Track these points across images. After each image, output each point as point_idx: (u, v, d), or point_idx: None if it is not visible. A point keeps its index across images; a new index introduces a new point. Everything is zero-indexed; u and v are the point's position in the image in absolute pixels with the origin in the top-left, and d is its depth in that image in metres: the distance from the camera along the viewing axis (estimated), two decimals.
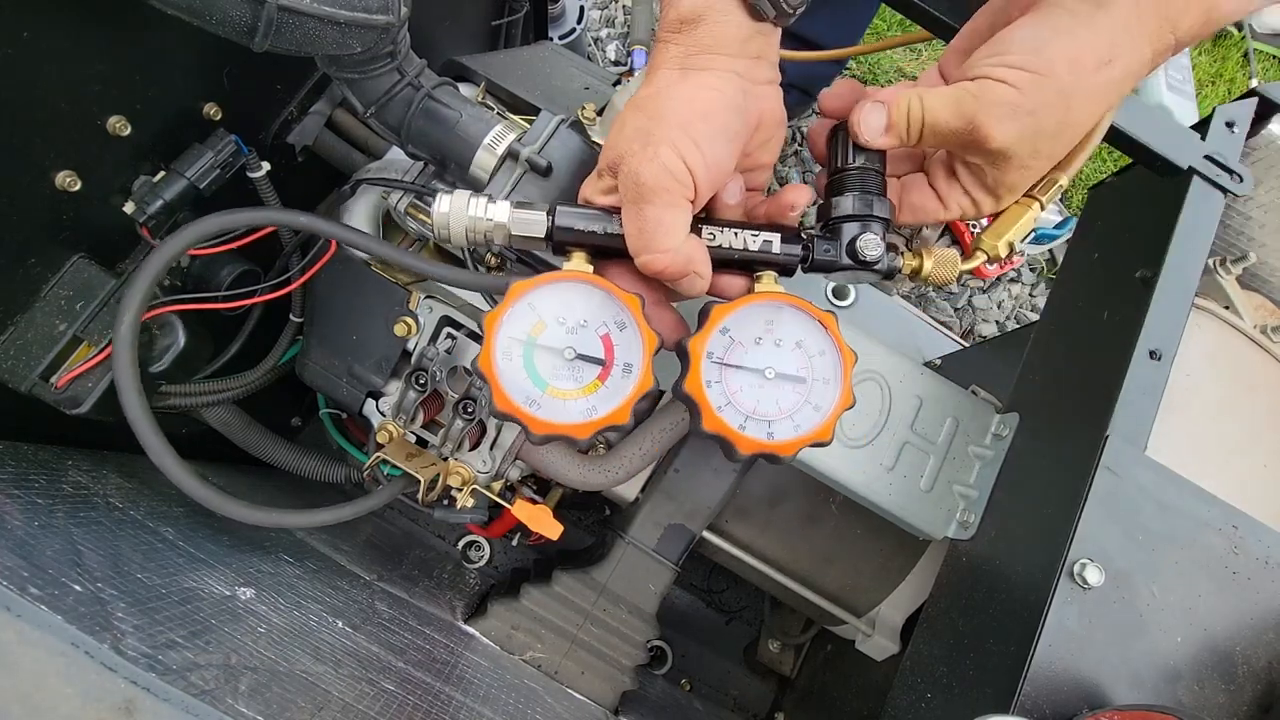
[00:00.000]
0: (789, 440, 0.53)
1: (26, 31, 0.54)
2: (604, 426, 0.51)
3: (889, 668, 0.97)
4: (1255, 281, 1.01)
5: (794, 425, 0.53)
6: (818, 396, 0.54)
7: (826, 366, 0.54)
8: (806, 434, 0.53)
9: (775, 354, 0.53)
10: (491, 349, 0.51)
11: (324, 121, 0.84)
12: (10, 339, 0.63)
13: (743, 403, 0.53)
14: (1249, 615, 0.63)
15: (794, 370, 0.53)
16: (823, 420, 0.53)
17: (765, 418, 0.53)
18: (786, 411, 0.53)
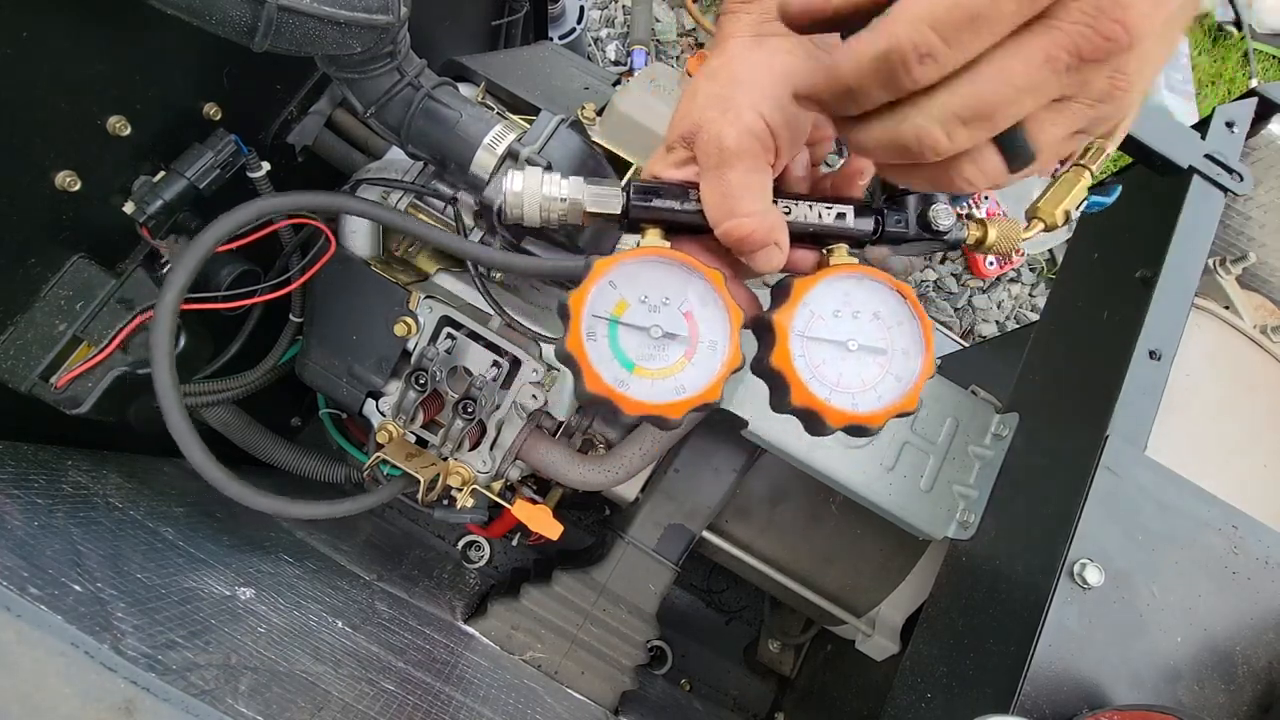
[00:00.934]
0: (874, 411, 0.52)
1: (26, 31, 0.54)
2: (696, 406, 0.50)
3: (889, 668, 0.97)
4: (1255, 281, 1.01)
5: (877, 396, 0.53)
6: (899, 367, 0.53)
7: (906, 337, 0.53)
8: (891, 404, 0.52)
9: (855, 326, 0.53)
10: (579, 329, 0.49)
11: (324, 121, 0.84)
12: (10, 339, 0.63)
13: (826, 376, 0.52)
14: (1249, 615, 0.63)
15: (875, 341, 0.53)
16: (906, 390, 0.52)
17: (849, 390, 0.52)
18: (869, 384, 0.53)
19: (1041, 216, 0.58)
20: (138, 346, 0.68)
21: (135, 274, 0.68)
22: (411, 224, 0.64)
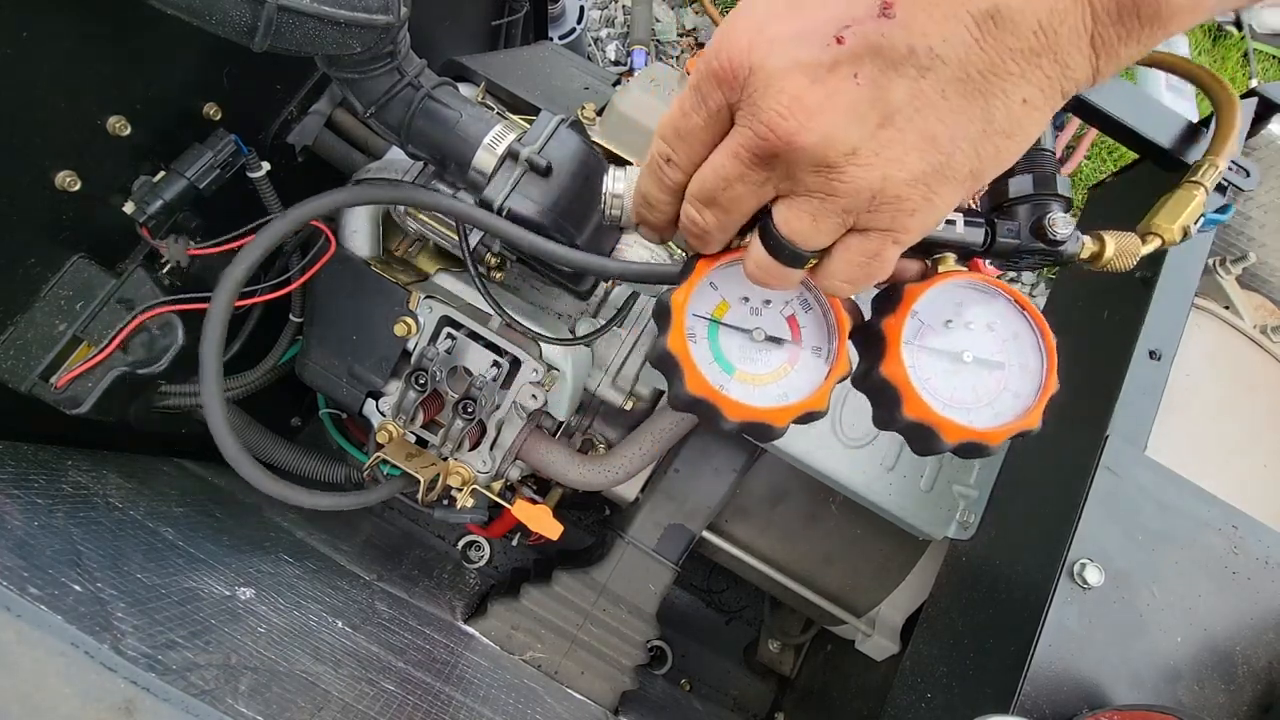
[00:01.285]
0: (991, 428, 0.48)
1: (26, 31, 0.54)
2: (802, 413, 0.47)
3: (889, 668, 0.97)
4: (1255, 281, 1.01)
5: (994, 413, 0.49)
6: (1016, 383, 0.50)
7: (1024, 350, 0.50)
8: (1009, 422, 0.48)
9: (969, 337, 0.49)
10: (681, 329, 0.47)
11: (324, 121, 0.84)
12: (10, 339, 0.63)
13: (939, 389, 0.49)
14: (1249, 615, 0.63)
15: (991, 354, 0.49)
16: (1026, 407, 0.49)
17: (964, 405, 0.49)
18: (985, 399, 0.49)
19: (1159, 232, 0.55)
20: (138, 346, 0.68)
21: (135, 274, 0.68)
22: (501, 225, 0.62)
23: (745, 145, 0.32)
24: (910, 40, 0.28)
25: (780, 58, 0.30)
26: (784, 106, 0.30)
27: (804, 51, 0.29)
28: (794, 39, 0.30)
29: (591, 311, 0.88)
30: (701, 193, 0.36)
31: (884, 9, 0.28)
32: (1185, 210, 0.56)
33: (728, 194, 0.35)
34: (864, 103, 0.29)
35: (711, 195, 0.36)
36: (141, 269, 0.68)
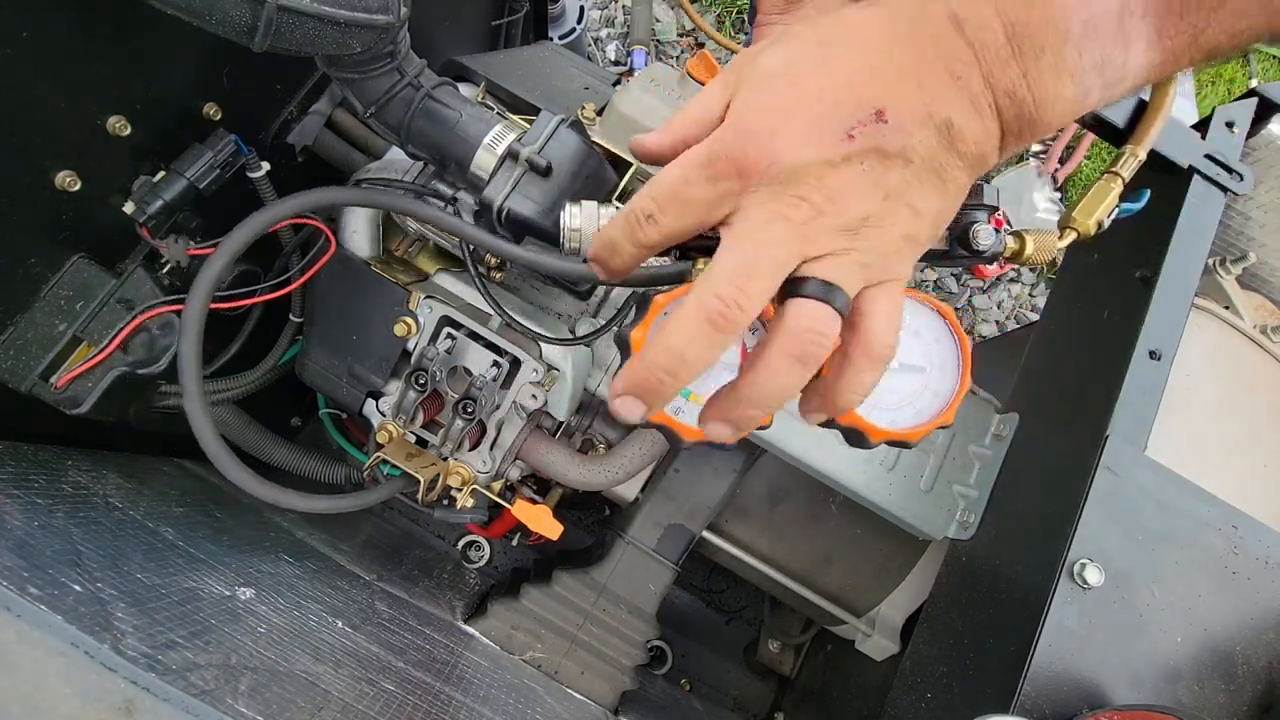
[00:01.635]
0: (914, 426, 0.54)
1: (26, 31, 0.54)
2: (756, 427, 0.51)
3: (889, 668, 0.97)
4: (1255, 281, 1.01)
5: (916, 412, 0.55)
6: (936, 383, 0.55)
7: (944, 354, 0.56)
8: (930, 420, 0.54)
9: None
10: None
11: (324, 121, 0.84)
12: (10, 339, 0.63)
13: (881, 400, 0.55)
14: (1249, 615, 0.63)
15: (915, 359, 0.55)
16: (944, 405, 0.55)
17: (889, 407, 0.55)
18: (908, 399, 0.55)
19: (1075, 226, 0.58)
20: (138, 346, 0.68)
21: (135, 274, 0.68)
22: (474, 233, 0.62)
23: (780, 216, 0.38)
24: (899, 141, 0.37)
25: (802, 153, 0.37)
26: (813, 189, 0.37)
27: (822, 147, 0.37)
28: (811, 134, 0.37)
29: (591, 311, 0.88)
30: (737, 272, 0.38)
31: (879, 116, 0.36)
32: (1101, 204, 0.57)
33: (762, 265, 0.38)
34: (871, 184, 0.37)
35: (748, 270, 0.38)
36: (141, 269, 0.68)
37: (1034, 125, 0.38)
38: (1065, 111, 0.37)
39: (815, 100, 0.37)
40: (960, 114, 0.36)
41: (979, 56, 0.36)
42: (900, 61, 0.36)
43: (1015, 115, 0.37)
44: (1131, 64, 0.36)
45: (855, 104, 0.36)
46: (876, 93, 0.36)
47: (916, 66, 0.36)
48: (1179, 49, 0.36)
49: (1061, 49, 0.35)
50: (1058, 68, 0.35)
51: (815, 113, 0.37)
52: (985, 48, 0.36)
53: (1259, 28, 0.36)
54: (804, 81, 0.37)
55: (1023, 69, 0.36)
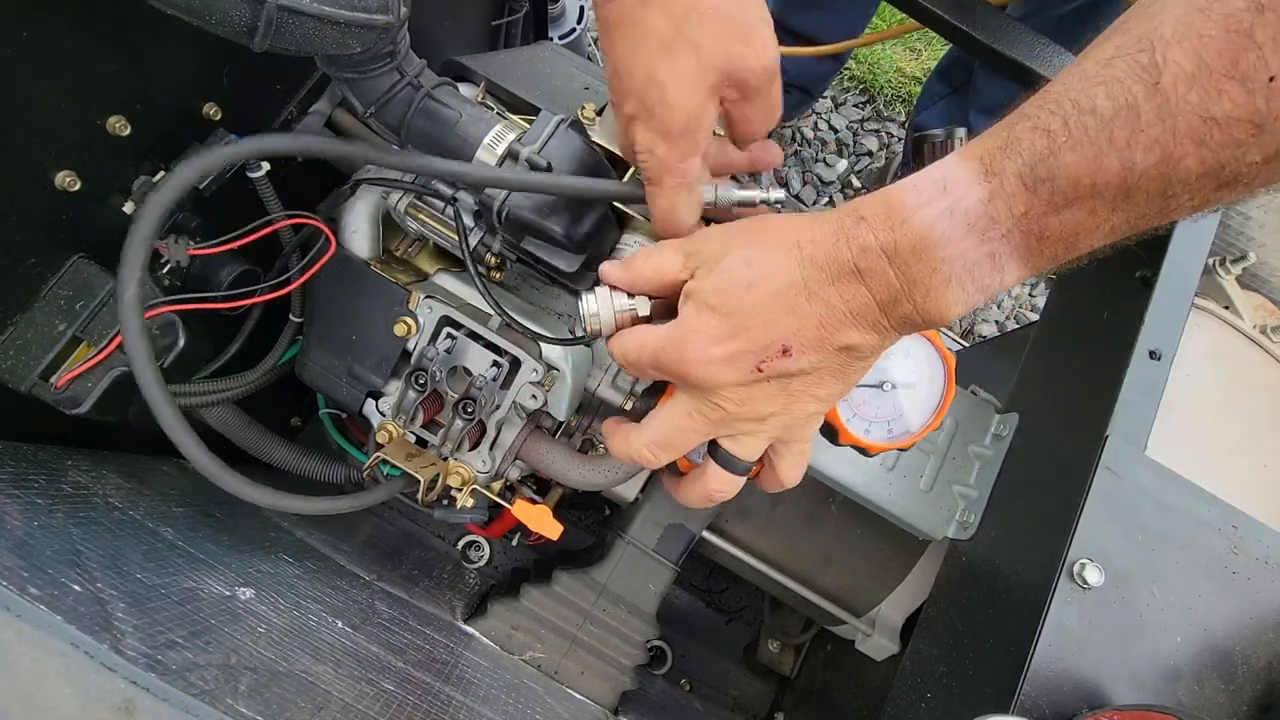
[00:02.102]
0: (909, 436, 0.65)
1: (26, 31, 0.54)
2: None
3: (889, 668, 0.97)
4: (1255, 281, 1.01)
5: (906, 425, 0.66)
6: (926, 396, 0.66)
7: (933, 370, 0.66)
8: (921, 429, 0.66)
9: (888, 364, 0.65)
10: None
11: (324, 121, 0.84)
12: (10, 339, 0.63)
13: (865, 412, 0.65)
14: (1249, 615, 0.63)
15: (907, 377, 0.65)
16: (931, 413, 0.65)
17: (884, 420, 0.65)
18: (900, 414, 0.66)
19: None
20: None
21: None
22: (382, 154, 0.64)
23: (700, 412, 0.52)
24: (799, 365, 0.48)
25: (719, 377, 0.49)
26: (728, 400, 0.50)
27: (736, 374, 0.49)
28: (727, 366, 0.48)
29: None
30: (661, 441, 0.55)
31: (784, 352, 0.47)
32: None
33: (681, 440, 0.55)
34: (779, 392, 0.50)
35: (669, 442, 0.55)
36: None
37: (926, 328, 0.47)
38: (951, 319, 0.45)
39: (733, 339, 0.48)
40: (857, 337, 0.47)
41: (876, 299, 0.45)
42: (807, 307, 0.46)
43: (909, 327, 0.47)
44: (1006, 281, 0.44)
45: (764, 343, 0.47)
46: (782, 333, 0.47)
47: (821, 311, 0.46)
48: (1045, 266, 0.45)
49: (945, 289, 0.43)
50: (942, 299, 0.44)
51: (731, 349, 0.48)
52: (881, 294, 0.45)
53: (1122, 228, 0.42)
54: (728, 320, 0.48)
55: (913, 304, 0.44)
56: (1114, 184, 0.39)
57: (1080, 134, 0.39)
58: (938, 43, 2.13)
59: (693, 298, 0.50)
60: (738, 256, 0.49)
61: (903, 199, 0.44)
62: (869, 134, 2.05)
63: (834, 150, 2.02)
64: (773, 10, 1.59)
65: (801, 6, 1.56)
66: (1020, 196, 0.41)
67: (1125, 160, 0.38)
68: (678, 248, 0.53)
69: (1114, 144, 0.38)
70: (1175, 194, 0.39)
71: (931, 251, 0.42)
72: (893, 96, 2.08)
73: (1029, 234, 0.42)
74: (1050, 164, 0.40)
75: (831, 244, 0.45)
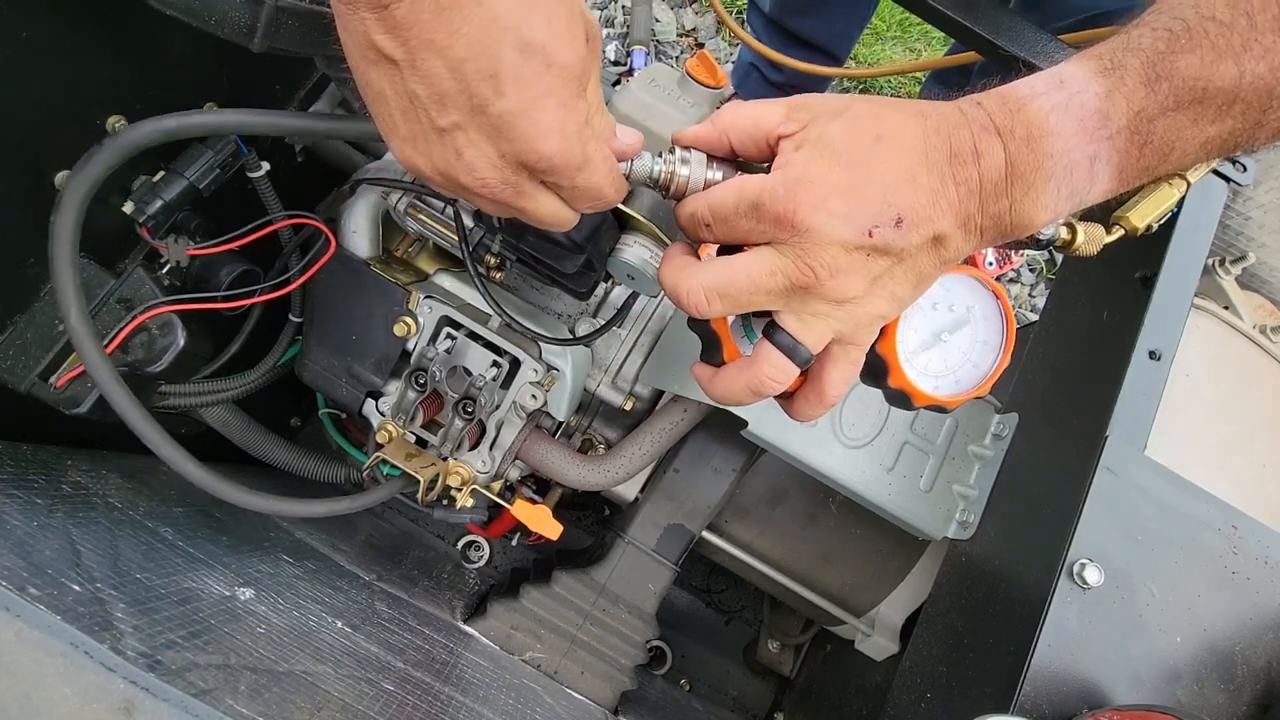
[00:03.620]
0: (953, 395, 0.61)
1: (26, 31, 0.54)
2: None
3: (889, 668, 0.97)
4: (1255, 281, 1.01)
5: (955, 381, 0.61)
6: (979, 356, 0.61)
7: (990, 330, 0.61)
8: (969, 390, 0.61)
9: (949, 317, 0.61)
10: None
11: None
12: (10, 339, 0.63)
13: (918, 361, 0.61)
14: (1248, 615, 0.63)
15: (965, 332, 0.61)
16: (982, 378, 0.61)
17: (934, 374, 0.61)
18: (952, 369, 0.61)
19: (1124, 225, 0.62)
20: (137, 346, 0.68)
21: (135, 274, 0.68)
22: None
23: (784, 272, 0.46)
24: (902, 243, 0.45)
25: (830, 230, 0.44)
26: (823, 264, 0.45)
27: (847, 232, 0.44)
28: (842, 222, 0.44)
29: (591, 311, 0.88)
30: (725, 288, 0.47)
31: (897, 221, 0.44)
32: (1158, 208, 0.59)
33: (747, 296, 0.47)
34: (869, 272, 0.46)
35: (729, 292, 0.47)
36: (141, 269, 0.68)
37: (1007, 237, 0.47)
38: (1036, 227, 0.46)
39: (854, 193, 0.44)
40: (953, 229, 0.45)
41: (982, 186, 0.44)
42: (925, 179, 0.44)
43: (995, 232, 0.46)
44: (1094, 193, 0.45)
45: (882, 206, 0.44)
46: (900, 201, 0.44)
47: (935, 186, 0.44)
48: (1132, 181, 0.45)
49: (1045, 187, 0.44)
50: (1037, 201, 0.44)
51: (851, 204, 0.44)
52: (988, 180, 0.44)
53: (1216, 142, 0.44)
54: (851, 171, 0.45)
55: (1011, 200, 0.44)
56: (1225, 89, 0.41)
57: (1201, 37, 0.41)
58: (937, 44, 2.13)
59: (811, 143, 0.46)
60: (864, 109, 0.46)
61: (1016, 91, 0.45)
62: None
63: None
64: (772, 12, 1.59)
65: (800, 9, 1.55)
66: (1138, 93, 0.42)
67: (1239, 65, 0.41)
68: (779, 101, 0.49)
69: (1231, 48, 0.40)
70: (1273, 107, 0.42)
71: (1041, 141, 0.43)
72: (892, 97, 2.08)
73: (1135, 135, 0.43)
74: (1170, 62, 0.41)
75: (954, 120, 0.45)
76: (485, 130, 0.42)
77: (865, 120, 0.46)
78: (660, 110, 0.67)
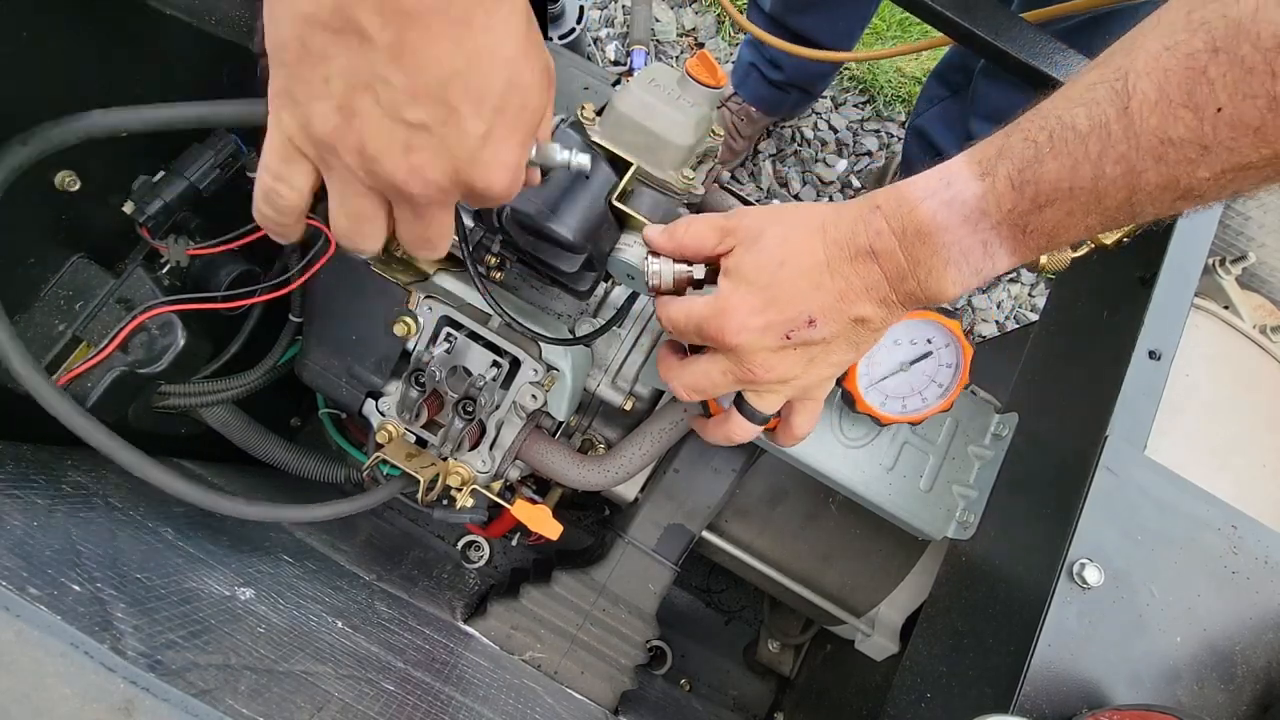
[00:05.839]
0: (920, 412, 0.75)
1: (26, 31, 0.54)
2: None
3: (889, 668, 0.97)
4: (1255, 281, 1.01)
5: (921, 400, 0.75)
6: (941, 378, 0.74)
7: (951, 354, 0.74)
8: (934, 407, 0.75)
9: (911, 350, 0.74)
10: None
11: None
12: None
13: (885, 387, 0.74)
14: (1248, 615, 0.63)
15: (929, 359, 0.74)
16: (946, 395, 0.75)
17: (901, 395, 0.75)
18: (918, 389, 0.75)
19: (1094, 240, 0.66)
20: (137, 346, 0.68)
21: (135, 274, 0.68)
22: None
23: (732, 373, 0.59)
24: (821, 334, 0.55)
25: (754, 344, 0.56)
26: (757, 366, 0.57)
27: (768, 341, 0.56)
28: (760, 334, 0.55)
29: (591, 311, 0.88)
30: (695, 386, 0.62)
31: (810, 322, 0.54)
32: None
33: (712, 389, 0.61)
34: (802, 359, 0.57)
35: (699, 387, 0.62)
36: (141, 269, 0.68)
37: (928, 305, 0.56)
38: (950, 298, 0.53)
39: (767, 310, 0.55)
40: (870, 310, 0.54)
41: (887, 276, 0.52)
42: (829, 283, 0.53)
43: (914, 302, 0.54)
44: (997, 266, 0.51)
45: (793, 314, 0.54)
46: (809, 305, 0.54)
47: (841, 286, 0.53)
48: (1031, 255, 0.50)
49: (945, 270, 0.51)
50: (942, 279, 0.51)
51: (765, 318, 0.55)
52: (891, 270, 0.52)
53: (1096, 227, 0.47)
54: (763, 293, 0.55)
55: (917, 281, 0.52)
56: (1087, 190, 0.45)
57: (1061, 146, 0.45)
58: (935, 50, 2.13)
59: (732, 273, 0.57)
60: (773, 235, 0.55)
61: (911, 191, 0.51)
62: (869, 134, 2.05)
63: (834, 150, 2.02)
64: (773, 10, 1.59)
65: (801, 7, 1.55)
66: (1008, 195, 0.47)
67: (1097, 170, 0.44)
68: (714, 224, 0.59)
69: (1088, 156, 0.44)
70: (1139, 201, 0.45)
71: (933, 236, 0.50)
72: (892, 96, 2.08)
73: (1015, 227, 0.48)
74: (1035, 170, 0.46)
75: (851, 228, 0.53)
76: (448, 142, 0.42)
77: (771, 248, 0.55)
78: (660, 110, 0.68)
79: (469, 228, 0.74)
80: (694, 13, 2.09)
